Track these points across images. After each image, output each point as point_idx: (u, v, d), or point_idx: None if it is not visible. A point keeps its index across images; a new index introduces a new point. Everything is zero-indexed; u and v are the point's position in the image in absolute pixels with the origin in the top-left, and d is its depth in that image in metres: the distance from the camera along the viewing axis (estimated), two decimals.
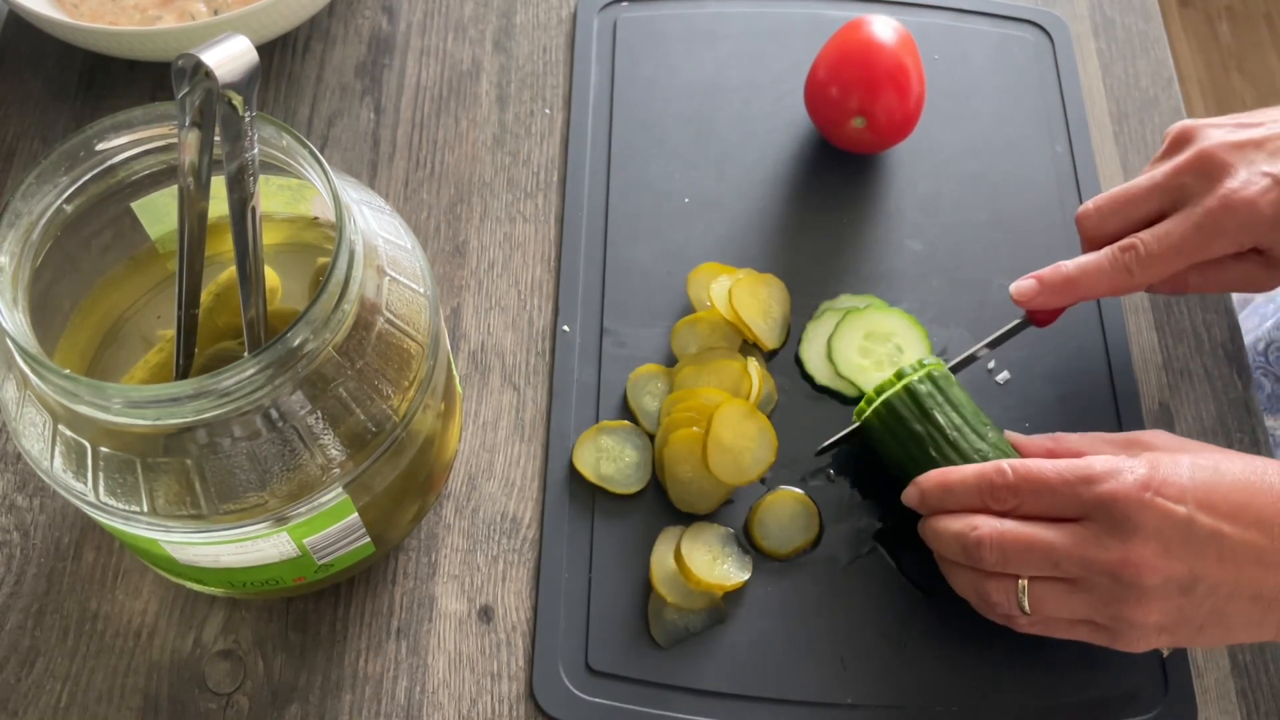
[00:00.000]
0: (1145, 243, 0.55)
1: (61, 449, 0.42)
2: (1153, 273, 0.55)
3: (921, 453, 0.55)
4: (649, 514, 0.58)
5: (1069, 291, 0.56)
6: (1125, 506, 0.48)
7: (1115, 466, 0.49)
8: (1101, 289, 0.56)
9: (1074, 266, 0.56)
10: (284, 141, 0.44)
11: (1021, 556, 0.49)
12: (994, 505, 0.51)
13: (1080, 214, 0.59)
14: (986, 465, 0.52)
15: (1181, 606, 0.48)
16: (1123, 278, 0.55)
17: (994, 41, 0.74)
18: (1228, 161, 0.55)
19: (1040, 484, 0.50)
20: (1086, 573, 0.48)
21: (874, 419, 0.57)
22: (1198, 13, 1.94)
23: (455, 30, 0.74)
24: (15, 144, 0.69)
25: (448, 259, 0.66)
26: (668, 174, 0.69)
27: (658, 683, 0.54)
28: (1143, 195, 0.56)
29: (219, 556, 0.47)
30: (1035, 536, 0.49)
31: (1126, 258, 0.55)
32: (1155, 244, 0.54)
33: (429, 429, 0.49)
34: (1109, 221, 0.57)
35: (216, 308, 0.48)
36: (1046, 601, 0.49)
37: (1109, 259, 0.55)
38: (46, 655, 0.54)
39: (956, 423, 0.55)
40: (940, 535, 0.52)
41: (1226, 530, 0.48)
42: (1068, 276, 0.56)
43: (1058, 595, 0.49)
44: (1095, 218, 0.58)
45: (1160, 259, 0.54)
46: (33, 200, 0.43)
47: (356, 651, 0.55)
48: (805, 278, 0.65)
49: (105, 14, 0.69)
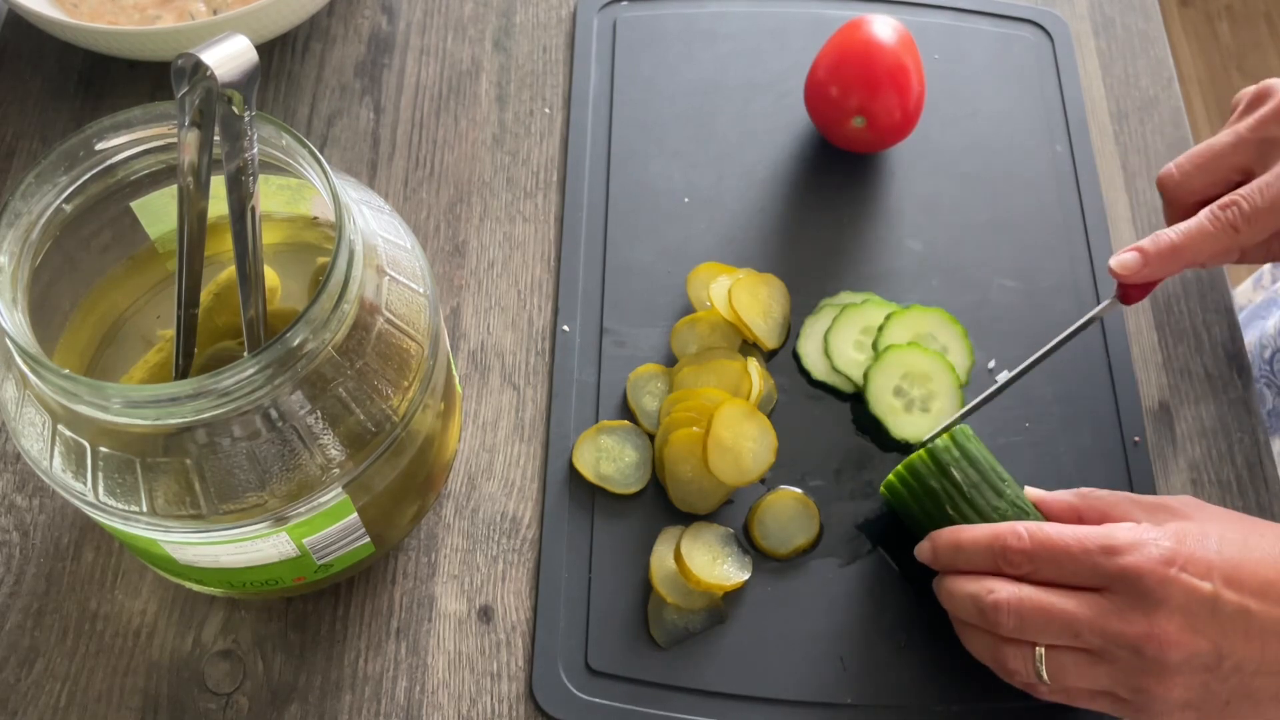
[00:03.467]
0: (1247, 197, 0.52)
1: (61, 449, 0.42)
2: (1258, 228, 0.52)
3: (938, 510, 0.54)
4: (649, 514, 0.58)
5: (1175, 259, 0.53)
6: (1149, 581, 0.46)
7: (1139, 538, 0.47)
8: (1207, 252, 0.53)
9: (1177, 233, 0.53)
10: (284, 141, 0.44)
11: (1040, 624, 0.48)
12: (1007, 569, 0.49)
13: (1162, 176, 0.56)
14: (1001, 526, 0.50)
15: (1206, 683, 0.46)
16: (1228, 237, 0.52)
17: (994, 41, 0.74)
18: None
19: (1059, 551, 0.48)
20: (1108, 644, 0.47)
21: (893, 479, 0.56)
22: (1198, 13, 1.94)
23: (455, 30, 0.74)
24: (15, 144, 0.69)
25: (447, 259, 0.66)
26: (667, 174, 0.69)
27: (658, 683, 0.54)
28: (1228, 149, 0.54)
29: (218, 556, 0.47)
30: (1055, 605, 0.48)
31: (1229, 214, 0.52)
32: (1258, 196, 0.52)
33: (429, 429, 0.49)
34: (1193, 179, 0.55)
35: (216, 308, 0.48)
36: (1067, 672, 0.48)
37: (1210, 219, 0.52)
38: (46, 655, 0.54)
39: (974, 479, 0.53)
40: (955, 596, 0.51)
41: (1253, 607, 0.46)
42: (1173, 243, 0.53)
43: (1079, 666, 0.48)
44: (1178, 176, 0.55)
45: (1266, 212, 0.52)
46: (32, 200, 0.43)
47: (356, 651, 0.55)
48: (805, 277, 0.65)
49: (104, 13, 0.69)
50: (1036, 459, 0.60)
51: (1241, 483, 0.61)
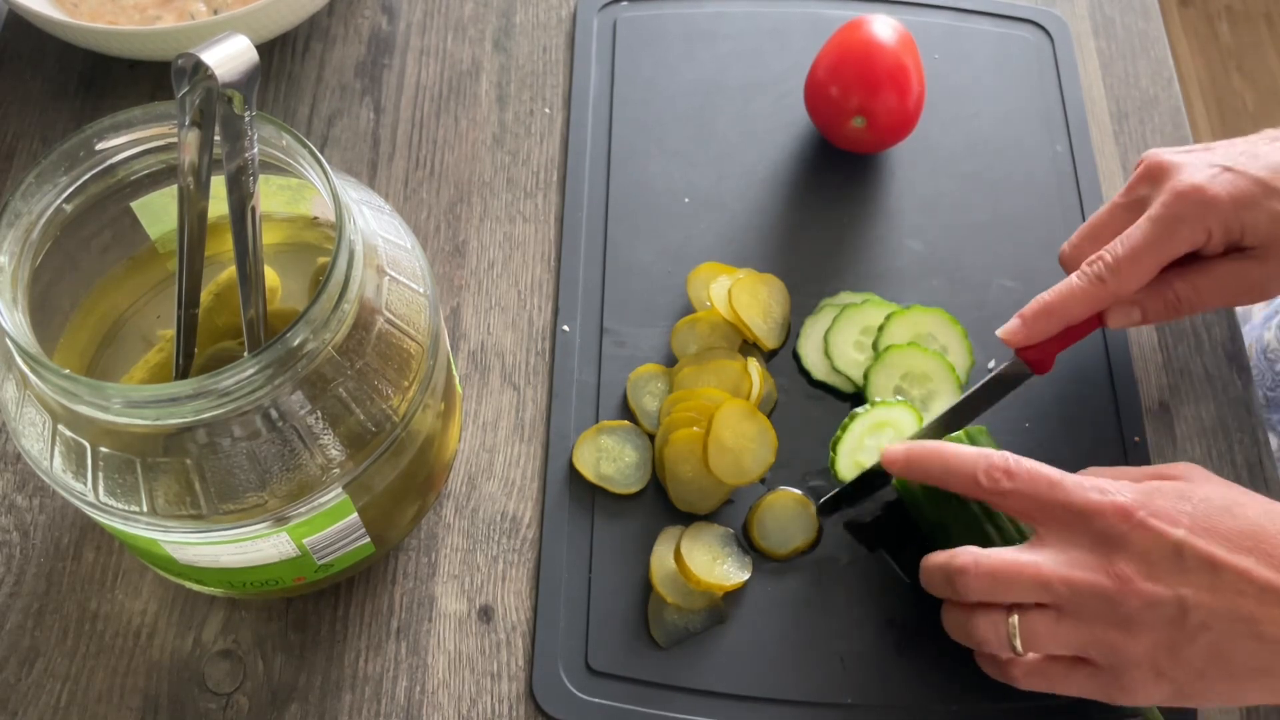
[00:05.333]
0: (1110, 249, 0.55)
1: (61, 449, 0.42)
2: (1124, 277, 0.55)
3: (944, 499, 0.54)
4: (649, 514, 0.58)
5: (1049, 318, 0.56)
6: (1109, 521, 0.47)
7: (1112, 485, 0.49)
8: (1081, 307, 0.55)
9: (1051, 293, 0.56)
10: (284, 141, 0.44)
11: (1008, 580, 0.49)
12: (986, 483, 0.50)
13: (1060, 253, 0.60)
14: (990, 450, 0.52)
15: (1174, 642, 0.46)
16: (1096, 288, 0.55)
17: (994, 41, 0.74)
18: (1174, 163, 0.56)
19: (1039, 477, 0.49)
20: (1074, 594, 0.47)
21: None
22: (1198, 13, 1.94)
23: (455, 30, 0.74)
24: (15, 144, 0.69)
25: (448, 259, 0.66)
26: (668, 174, 0.69)
27: (658, 683, 0.54)
28: (1106, 217, 0.58)
29: (219, 556, 0.47)
30: (1020, 559, 0.49)
31: (1095, 269, 0.55)
32: (1119, 247, 0.55)
33: (429, 429, 0.49)
34: (1083, 250, 0.58)
35: (216, 308, 0.48)
36: (1039, 635, 0.48)
37: (1079, 275, 0.56)
38: (46, 655, 0.54)
39: None
40: (927, 570, 0.52)
41: (1221, 556, 0.46)
42: (1046, 303, 0.56)
43: (1049, 626, 0.48)
44: (1068, 251, 0.59)
45: (1126, 261, 0.54)
46: (32, 200, 0.43)
47: (356, 651, 0.55)
48: (805, 277, 0.65)
49: (105, 13, 0.69)
50: (1037, 459, 0.60)
51: (1241, 483, 0.60)
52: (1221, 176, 0.54)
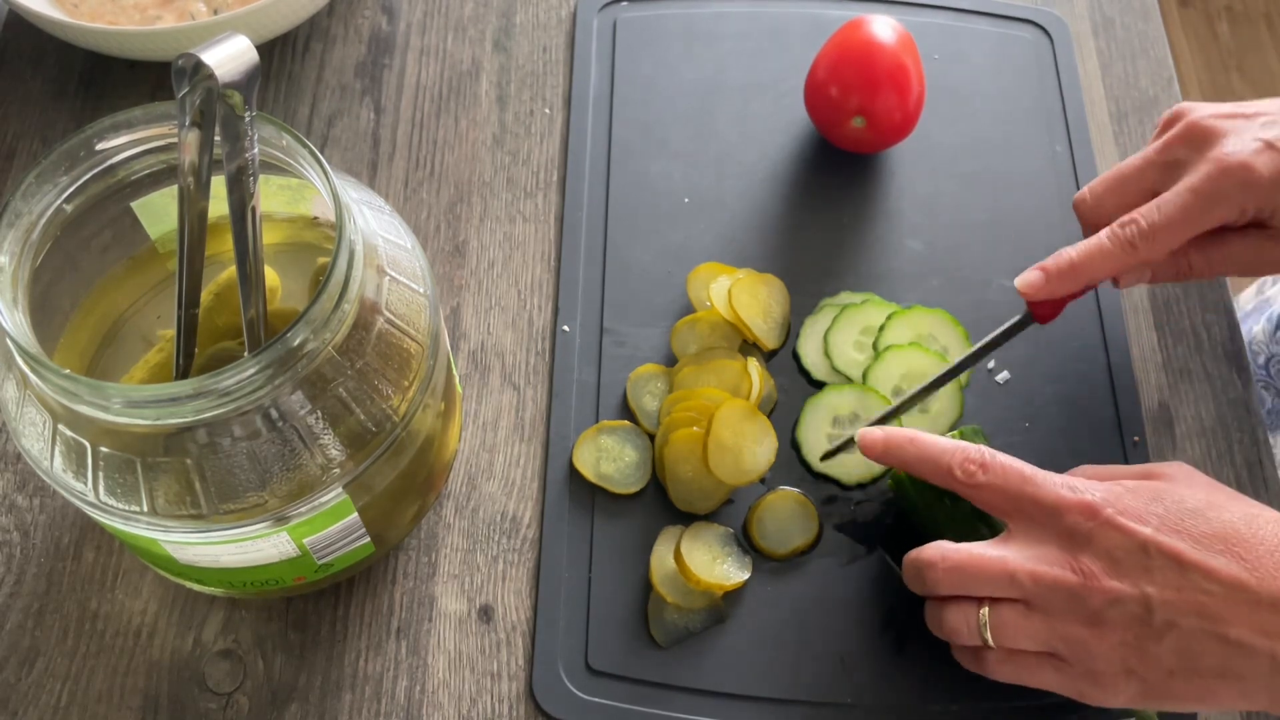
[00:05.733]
0: (1145, 214, 0.53)
1: (61, 449, 0.42)
2: (1156, 245, 0.53)
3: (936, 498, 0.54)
4: (649, 514, 0.58)
5: (1074, 276, 0.54)
6: (1076, 519, 0.47)
7: (1084, 484, 0.48)
8: (1107, 269, 0.54)
9: (1077, 251, 0.54)
10: (284, 141, 0.44)
11: (975, 573, 0.49)
12: (960, 475, 0.50)
13: (1076, 199, 0.58)
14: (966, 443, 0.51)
15: (1142, 641, 0.46)
16: (1126, 254, 0.53)
17: (994, 41, 0.74)
18: (1218, 128, 0.54)
19: (1011, 470, 0.49)
20: (1041, 589, 0.47)
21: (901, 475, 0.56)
22: (1198, 13, 1.94)
23: (455, 30, 0.74)
24: (15, 144, 0.69)
25: (448, 259, 0.66)
26: (668, 174, 0.69)
27: (658, 682, 0.54)
28: (1136, 172, 0.56)
29: (219, 556, 0.47)
30: (986, 553, 0.49)
31: (1127, 232, 0.53)
32: (1156, 214, 0.53)
33: (429, 429, 0.49)
34: (1105, 202, 0.56)
35: (216, 308, 0.48)
36: (1008, 628, 0.48)
37: (1109, 236, 0.54)
38: (46, 655, 0.54)
39: None
40: (904, 568, 0.52)
41: (1187, 553, 0.46)
42: (1072, 261, 0.54)
43: (1017, 620, 0.48)
44: (1090, 199, 0.57)
45: (1162, 230, 0.53)
46: (33, 200, 0.43)
47: (356, 651, 0.55)
48: (805, 277, 0.65)
49: (105, 13, 0.69)
50: (1036, 459, 0.60)
51: (1241, 483, 0.61)
52: (1265, 154, 0.52)
